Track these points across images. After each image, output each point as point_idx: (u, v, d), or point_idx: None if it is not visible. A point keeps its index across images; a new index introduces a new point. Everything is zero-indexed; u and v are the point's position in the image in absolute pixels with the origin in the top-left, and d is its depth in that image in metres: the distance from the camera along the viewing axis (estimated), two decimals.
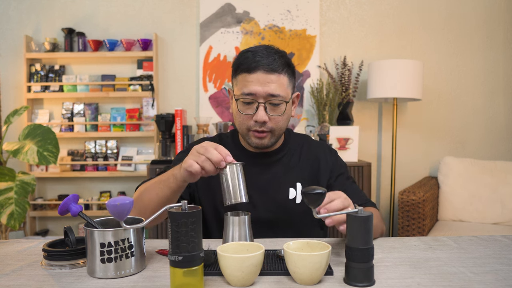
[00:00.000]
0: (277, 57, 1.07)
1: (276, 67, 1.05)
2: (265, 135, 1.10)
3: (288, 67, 1.09)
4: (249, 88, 1.06)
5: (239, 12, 2.82)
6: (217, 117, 2.82)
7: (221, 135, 1.27)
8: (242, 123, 1.11)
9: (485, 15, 2.85)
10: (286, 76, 1.08)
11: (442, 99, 2.89)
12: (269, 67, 1.05)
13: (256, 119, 1.07)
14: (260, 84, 1.05)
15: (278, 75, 1.06)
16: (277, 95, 1.06)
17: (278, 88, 1.06)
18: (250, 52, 1.07)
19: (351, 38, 2.87)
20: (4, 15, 2.85)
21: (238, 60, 1.10)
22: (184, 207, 0.74)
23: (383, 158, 2.90)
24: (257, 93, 1.05)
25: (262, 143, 1.11)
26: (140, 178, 2.86)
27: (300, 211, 1.15)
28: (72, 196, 0.91)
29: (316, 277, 0.76)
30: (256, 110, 1.07)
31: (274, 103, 1.07)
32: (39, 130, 2.32)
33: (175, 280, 0.73)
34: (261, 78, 1.05)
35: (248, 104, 1.08)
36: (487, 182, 2.53)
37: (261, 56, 1.06)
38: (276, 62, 1.06)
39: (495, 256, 0.92)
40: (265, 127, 1.08)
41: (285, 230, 1.14)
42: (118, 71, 2.87)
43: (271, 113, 1.08)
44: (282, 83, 1.07)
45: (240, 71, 1.08)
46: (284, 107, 1.08)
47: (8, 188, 2.16)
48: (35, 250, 1.01)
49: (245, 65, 1.07)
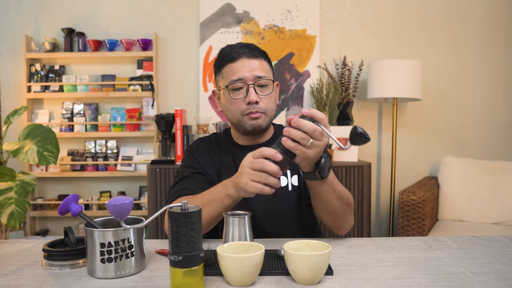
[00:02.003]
0: (253, 46, 1.17)
1: (256, 54, 1.15)
2: (259, 115, 1.14)
3: (266, 56, 1.18)
4: (237, 74, 1.12)
5: (239, 12, 2.82)
6: (217, 117, 2.82)
7: (215, 134, 1.30)
8: (235, 111, 1.15)
9: (485, 15, 2.85)
10: (266, 62, 1.17)
11: (442, 99, 2.89)
12: (250, 53, 1.14)
13: (248, 100, 1.12)
14: (246, 68, 1.12)
15: (259, 60, 1.15)
16: (263, 76, 1.13)
17: (262, 70, 1.14)
18: (229, 47, 1.17)
19: (351, 38, 2.87)
20: (4, 15, 2.85)
21: (219, 56, 1.18)
22: (184, 207, 0.74)
23: (383, 158, 2.90)
24: (245, 77, 1.12)
25: (258, 123, 1.14)
26: (140, 178, 2.87)
27: (292, 198, 1.17)
28: (72, 196, 0.91)
29: (316, 277, 0.76)
30: (247, 93, 1.12)
31: (262, 84, 1.13)
32: (39, 130, 2.32)
33: (175, 280, 0.73)
34: (246, 64, 1.13)
35: (238, 90, 1.13)
36: (487, 182, 2.53)
37: (240, 47, 1.15)
38: (255, 50, 1.15)
39: (495, 256, 0.92)
40: (258, 107, 1.13)
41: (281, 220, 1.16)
42: (118, 71, 2.87)
43: (261, 93, 1.14)
44: (265, 67, 1.16)
45: (225, 62, 1.15)
46: (271, 87, 1.16)
47: (8, 188, 2.16)
48: (35, 250, 1.01)
49: (228, 56, 1.14)
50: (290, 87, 2.83)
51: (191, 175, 1.17)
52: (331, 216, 1.05)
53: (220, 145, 1.25)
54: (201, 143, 1.26)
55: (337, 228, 1.09)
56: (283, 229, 1.15)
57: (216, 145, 1.25)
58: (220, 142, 1.26)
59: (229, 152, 1.22)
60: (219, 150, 1.23)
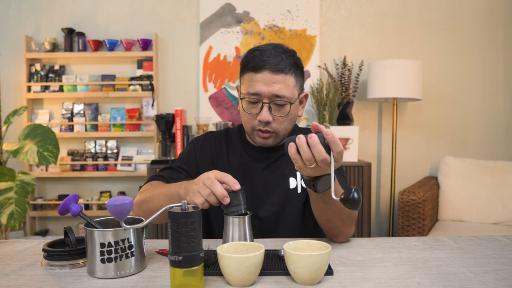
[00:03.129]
0: (284, 57, 1.06)
1: (282, 67, 1.04)
2: (269, 135, 1.10)
3: (296, 67, 1.09)
4: (254, 88, 1.05)
5: (239, 12, 2.82)
6: (217, 117, 2.82)
7: (228, 130, 1.27)
8: (247, 122, 1.11)
9: (485, 15, 2.85)
10: (293, 77, 1.07)
11: (442, 99, 2.89)
12: (276, 67, 1.04)
13: (260, 119, 1.07)
14: (266, 84, 1.04)
15: (284, 76, 1.05)
16: (282, 96, 1.05)
17: (283, 89, 1.05)
18: (258, 51, 1.07)
19: (351, 38, 2.87)
20: (4, 15, 2.85)
21: (245, 58, 1.09)
22: (184, 207, 0.74)
23: (383, 158, 2.90)
24: (262, 93, 1.05)
25: (267, 143, 1.11)
26: (140, 178, 2.87)
27: (301, 200, 1.15)
28: (72, 196, 0.90)
29: (316, 277, 0.76)
30: (260, 109, 1.07)
31: (279, 103, 1.06)
32: (39, 130, 2.32)
33: (175, 280, 0.73)
34: (267, 78, 1.04)
35: (253, 104, 1.08)
36: (487, 182, 2.53)
37: (268, 56, 1.05)
38: (283, 62, 1.05)
39: (495, 256, 0.92)
40: (269, 127, 1.08)
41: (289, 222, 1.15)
42: (118, 71, 2.87)
43: (276, 113, 1.07)
44: (288, 83, 1.06)
45: (247, 69, 1.08)
46: (288, 108, 1.08)
47: (8, 188, 2.16)
48: (35, 250, 1.01)
49: (252, 63, 1.06)
50: None
51: (177, 168, 1.18)
52: (326, 224, 1.01)
53: (230, 143, 1.22)
54: (209, 139, 1.23)
55: (334, 237, 1.03)
56: (291, 231, 1.14)
57: (225, 143, 1.22)
58: (231, 139, 1.23)
59: (239, 151, 1.20)
60: (226, 148, 1.21)
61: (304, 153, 0.80)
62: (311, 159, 0.80)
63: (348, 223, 1.01)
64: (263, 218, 1.13)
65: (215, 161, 1.20)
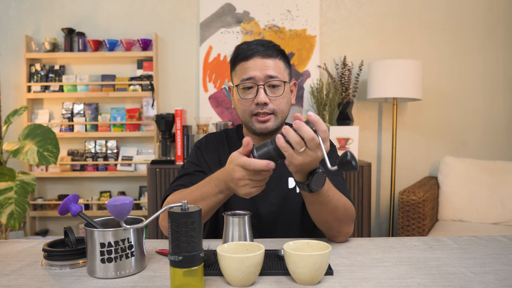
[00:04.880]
0: (270, 45, 1.13)
1: (271, 53, 1.11)
2: (268, 118, 1.11)
3: (283, 55, 1.15)
4: (248, 73, 1.10)
5: (239, 12, 2.82)
6: (217, 117, 2.82)
7: (227, 130, 1.28)
8: (245, 110, 1.13)
9: (485, 15, 2.85)
10: (281, 62, 1.13)
11: (442, 99, 2.89)
12: (265, 53, 1.10)
13: (257, 101, 1.09)
14: (258, 68, 1.10)
15: (274, 59, 1.11)
16: (275, 76, 1.10)
17: (275, 70, 1.10)
18: (245, 44, 1.13)
19: (351, 38, 2.87)
20: (4, 15, 2.85)
21: (235, 53, 1.16)
22: (184, 207, 0.74)
23: (383, 158, 2.90)
24: (255, 77, 1.09)
25: (266, 126, 1.12)
26: (140, 178, 2.87)
27: (299, 200, 1.15)
28: (72, 196, 0.90)
29: (316, 277, 0.76)
30: (256, 93, 1.10)
31: (273, 84, 1.10)
32: (39, 130, 2.32)
33: (175, 280, 0.73)
34: (258, 63, 1.10)
35: (249, 89, 1.12)
36: (487, 182, 2.53)
37: (256, 45, 1.12)
38: (270, 49, 1.12)
39: (495, 256, 0.92)
40: (267, 108, 1.10)
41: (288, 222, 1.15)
42: (118, 71, 2.87)
43: (271, 94, 1.11)
44: (279, 66, 1.12)
45: (238, 60, 1.13)
46: (283, 88, 1.12)
47: (8, 188, 2.16)
48: (35, 250, 1.01)
49: (242, 54, 1.12)
50: None
51: (193, 172, 1.17)
52: (324, 225, 1.02)
53: (230, 143, 1.23)
54: (211, 139, 1.24)
55: (332, 237, 1.04)
56: (290, 230, 1.15)
57: (226, 143, 1.23)
58: (230, 139, 1.24)
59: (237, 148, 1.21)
60: (228, 148, 1.22)
61: (292, 137, 0.80)
62: (300, 142, 0.80)
63: (345, 222, 1.02)
64: (262, 217, 1.13)
65: (221, 159, 1.21)
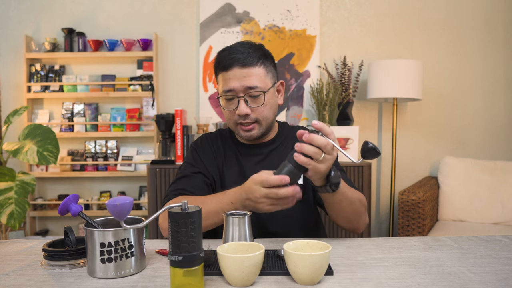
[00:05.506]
0: (251, 50, 1.12)
1: (250, 60, 1.10)
2: (252, 127, 1.14)
3: (265, 58, 1.14)
4: (228, 85, 1.11)
5: (239, 12, 2.82)
6: (217, 117, 2.82)
7: (221, 130, 1.30)
8: (229, 119, 1.16)
9: (485, 15, 2.85)
10: (262, 68, 1.12)
11: (442, 99, 2.89)
12: (243, 62, 1.10)
13: (238, 113, 1.11)
14: (237, 79, 1.10)
15: (253, 68, 1.10)
16: (254, 87, 1.10)
17: (254, 80, 1.10)
18: (226, 51, 1.13)
19: (351, 38, 2.87)
20: (4, 15, 2.85)
21: (216, 59, 1.16)
22: (184, 207, 0.74)
23: (383, 158, 2.90)
24: (235, 89, 1.10)
25: (251, 135, 1.15)
26: (140, 178, 2.87)
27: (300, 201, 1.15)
28: (72, 196, 0.91)
29: (316, 277, 0.76)
30: (238, 104, 1.11)
31: (253, 95, 1.11)
32: (39, 130, 2.32)
33: (175, 280, 0.73)
34: (237, 74, 1.10)
35: (230, 100, 1.13)
36: (487, 182, 2.53)
37: (235, 53, 1.11)
38: (250, 56, 1.10)
39: (495, 256, 0.92)
40: (249, 118, 1.12)
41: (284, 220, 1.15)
42: (118, 71, 2.87)
43: (252, 105, 1.12)
44: (259, 74, 1.11)
45: (219, 70, 1.14)
46: (263, 97, 1.12)
47: (8, 188, 2.16)
48: (35, 250, 1.01)
49: (222, 63, 1.12)
50: (290, 87, 2.83)
51: (191, 174, 1.17)
52: (346, 220, 1.08)
53: (225, 143, 1.25)
54: (206, 140, 1.26)
55: (353, 229, 1.11)
56: (287, 228, 1.15)
57: (221, 143, 1.25)
58: (225, 139, 1.26)
59: (233, 151, 1.23)
60: (223, 148, 1.24)
61: (309, 150, 0.85)
62: (318, 151, 0.85)
63: (362, 212, 1.09)
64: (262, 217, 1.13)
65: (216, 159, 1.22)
